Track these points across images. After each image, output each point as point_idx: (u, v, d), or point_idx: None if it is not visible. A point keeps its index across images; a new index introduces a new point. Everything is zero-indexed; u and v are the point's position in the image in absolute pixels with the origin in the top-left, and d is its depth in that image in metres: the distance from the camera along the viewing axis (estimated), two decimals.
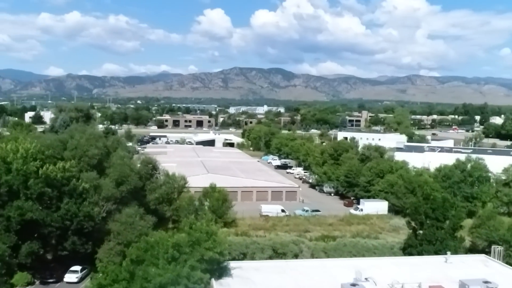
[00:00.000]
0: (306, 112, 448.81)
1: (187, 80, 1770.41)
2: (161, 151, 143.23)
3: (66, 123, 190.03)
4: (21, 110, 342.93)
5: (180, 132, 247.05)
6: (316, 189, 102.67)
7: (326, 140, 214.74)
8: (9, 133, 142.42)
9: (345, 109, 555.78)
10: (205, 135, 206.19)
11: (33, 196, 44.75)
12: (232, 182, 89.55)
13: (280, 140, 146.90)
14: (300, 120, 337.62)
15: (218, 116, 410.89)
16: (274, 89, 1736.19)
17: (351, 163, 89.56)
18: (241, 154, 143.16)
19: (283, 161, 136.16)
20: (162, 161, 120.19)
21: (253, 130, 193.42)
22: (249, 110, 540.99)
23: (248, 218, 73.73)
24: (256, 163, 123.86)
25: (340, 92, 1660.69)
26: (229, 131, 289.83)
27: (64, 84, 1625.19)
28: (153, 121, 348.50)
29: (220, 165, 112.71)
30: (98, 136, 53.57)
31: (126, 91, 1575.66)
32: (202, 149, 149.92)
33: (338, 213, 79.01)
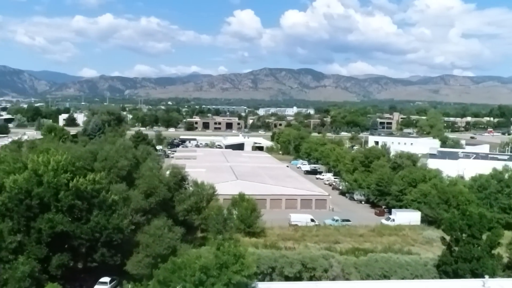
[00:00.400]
0: (336, 114, 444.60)
1: (217, 81, 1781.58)
2: (190, 155, 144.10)
3: (98, 126, 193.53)
4: (55, 112, 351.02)
5: (210, 135, 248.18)
6: (346, 197, 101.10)
7: (357, 144, 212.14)
8: (43, 137, 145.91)
9: (376, 110, 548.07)
10: (234, 139, 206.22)
11: (64, 209, 45.08)
12: (261, 190, 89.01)
13: (310, 145, 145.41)
14: (330, 123, 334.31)
15: (247, 118, 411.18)
16: (304, 90, 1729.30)
17: (382, 171, 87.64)
18: (270, 159, 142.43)
19: (312, 167, 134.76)
20: (191, 166, 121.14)
21: (282, 133, 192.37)
22: (279, 112, 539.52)
23: (277, 227, 72.92)
24: (285, 169, 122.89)
25: (371, 92, 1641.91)
26: (258, 133, 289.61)
27: (97, 85, 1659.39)
28: (183, 123, 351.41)
29: (249, 171, 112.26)
30: (127, 147, 53.75)
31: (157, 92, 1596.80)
32: (231, 154, 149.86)
33: (369, 223, 77.38)
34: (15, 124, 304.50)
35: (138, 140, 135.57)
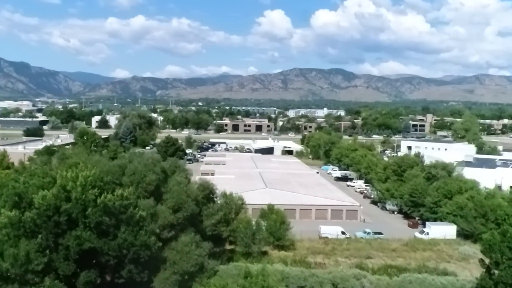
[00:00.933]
0: (367, 116, 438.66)
1: (247, 81, 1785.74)
2: (220, 160, 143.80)
3: (130, 129, 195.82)
4: (88, 114, 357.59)
5: (239, 138, 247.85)
6: (378, 206, 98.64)
7: (389, 148, 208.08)
8: (76, 141, 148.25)
9: (408, 112, 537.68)
10: (264, 143, 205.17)
11: (91, 225, 44.81)
12: (290, 199, 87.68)
13: (341, 151, 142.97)
14: (361, 125, 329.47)
15: (277, 120, 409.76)
16: (334, 90, 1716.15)
17: (416, 181, 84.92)
18: (300, 165, 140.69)
19: (343, 173, 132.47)
20: (220, 171, 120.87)
21: (312, 137, 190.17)
22: (309, 113, 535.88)
23: (306, 239, 71.39)
24: (315, 176, 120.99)
25: (403, 92, 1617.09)
26: (288, 136, 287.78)
27: (129, 86, 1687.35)
28: (213, 124, 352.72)
29: (279, 178, 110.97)
30: (156, 160, 53.20)
31: (188, 92, 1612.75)
32: (260, 159, 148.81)
33: (401, 236, 74.88)
34: (50, 126, 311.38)
35: (168, 145, 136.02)
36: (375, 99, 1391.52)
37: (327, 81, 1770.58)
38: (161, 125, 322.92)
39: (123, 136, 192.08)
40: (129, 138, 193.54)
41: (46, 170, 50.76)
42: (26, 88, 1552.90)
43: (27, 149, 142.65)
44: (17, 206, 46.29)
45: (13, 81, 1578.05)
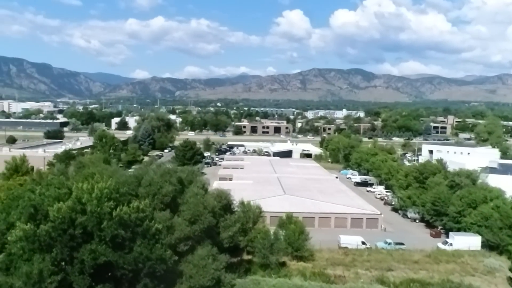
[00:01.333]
0: (387, 117, 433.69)
1: (266, 82, 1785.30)
2: (238, 164, 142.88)
3: (148, 132, 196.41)
4: (108, 116, 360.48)
5: (258, 141, 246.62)
6: (399, 214, 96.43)
7: (409, 151, 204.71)
8: (95, 145, 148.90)
9: (429, 113, 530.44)
10: (282, 146, 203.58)
11: (107, 238, 44.09)
12: (309, 207, 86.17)
13: (361, 155, 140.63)
14: (381, 127, 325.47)
15: (295, 121, 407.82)
16: (354, 90, 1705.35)
17: (439, 189, 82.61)
18: (319, 169, 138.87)
19: (363, 178, 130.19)
20: (238, 176, 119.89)
21: (331, 141, 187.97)
22: (328, 115, 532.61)
23: (325, 250, 69.81)
24: (335, 181, 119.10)
25: (423, 93, 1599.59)
26: (306, 138, 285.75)
27: (149, 87, 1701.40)
28: (231, 126, 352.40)
29: (297, 183, 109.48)
30: (172, 171, 52.33)
31: (207, 93, 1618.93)
32: (278, 162, 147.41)
33: (424, 246, 72.74)
34: (70, 128, 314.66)
35: (186, 149, 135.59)
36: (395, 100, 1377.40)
37: (346, 81, 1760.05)
38: (180, 127, 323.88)
39: (142, 139, 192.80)
40: (148, 141, 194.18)
41: (62, 181, 50.29)
42: (48, 88, 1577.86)
43: (47, 152, 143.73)
44: (32, 218, 45.84)
45: (36, 82, 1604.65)
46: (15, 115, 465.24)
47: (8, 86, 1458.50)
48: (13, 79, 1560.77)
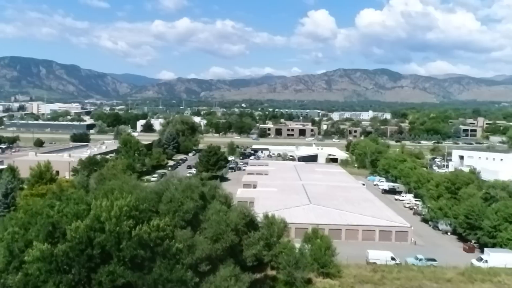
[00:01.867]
0: (415, 119, 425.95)
1: (290, 82, 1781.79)
2: (262, 170, 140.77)
3: (173, 136, 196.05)
4: (134, 118, 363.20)
5: (282, 144, 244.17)
6: (429, 225, 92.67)
7: (438, 156, 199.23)
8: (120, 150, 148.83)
9: (458, 115, 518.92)
10: (307, 150, 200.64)
11: (126, 259, 42.50)
12: (336, 218, 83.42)
13: (388, 161, 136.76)
14: (408, 130, 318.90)
15: (321, 123, 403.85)
16: (380, 91, 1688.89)
17: (472, 201, 78.78)
18: (345, 176, 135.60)
19: (391, 185, 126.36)
20: (263, 183, 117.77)
21: (358, 145, 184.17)
22: (353, 116, 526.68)
23: (353, 265, 66.99)
24: (362, 189, 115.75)
25: (451, 93, 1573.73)
26: (332, 141, 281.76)
27: (174, 88, 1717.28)
28: (256, 128, 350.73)
29: (323, 192, 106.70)
30: (194, 186, 50.46)
31: (232, 93, 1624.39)
32: (304, 168, 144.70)
33: (457, 262, 69.13)
34: (96, 130, 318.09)
35: (210, 154, 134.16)
36: (422, 100, 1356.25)
37: (372, 82, 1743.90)
38: (204, 129, 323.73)
39: (166, 143, 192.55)
40: (172, 145, 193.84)
41: (82, 195, 48.98)
42: (76, 90, 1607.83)
43: (72, 157, 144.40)
44: (50, 236, 44.62)
45: (64, 83, 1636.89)
46: (44, 117, 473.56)
47: (38, 87, 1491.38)
48: (42, 81, 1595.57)
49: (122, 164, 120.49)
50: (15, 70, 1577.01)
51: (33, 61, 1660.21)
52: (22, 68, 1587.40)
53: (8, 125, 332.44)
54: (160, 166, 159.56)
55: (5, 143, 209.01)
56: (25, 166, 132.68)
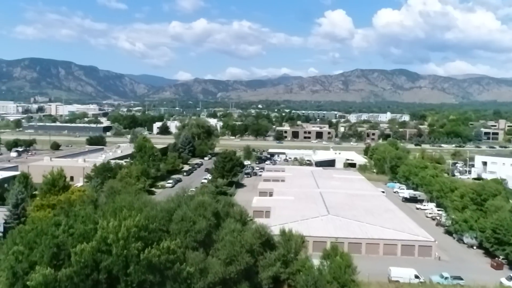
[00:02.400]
0: (434, 122, 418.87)
1: (307, 83, 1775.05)
2: (279, 176, 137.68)
3: (188, 139, 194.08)
4: (150, 120, 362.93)
5: (299, 147, 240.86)
6: (454, 238, 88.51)
7: (460, 160, 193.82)
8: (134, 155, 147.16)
9: (478, 116, 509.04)
10: (324, 154, 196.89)
11: (133, 284, 40.00)
12: (355, 230, 79.99)
13: (409, 168, 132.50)
14: (427, 133, 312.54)
15: (338, 125, 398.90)
16: (398, 91, 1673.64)
17: (500, 215, 74.67)
18: (364, 183, 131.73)
19: (412, 193, 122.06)
20: (279, 191, 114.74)
21: (377, 150, 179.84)
22: (371, 118, 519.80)
23: (374, 283, 63.62)
24: (382, 197, 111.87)
25: (470, 93, 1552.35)
26: (350, 145, 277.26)
27: (191, 88, 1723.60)
28: (272, 130, 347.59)
29: (342, 201, 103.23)
30: (207, 204, 47.76)
31: (248, 94, 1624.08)
32: (321, 174, 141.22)
33: (485, 281, 65.18)
34: (113, 132, 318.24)
35: (225, 160, 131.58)
36: (441, 101, 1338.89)
37: (390, 82, 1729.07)
38: (220, 132, 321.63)
39: (182, 146, 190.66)
40: (188, 148, 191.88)
41: (90, 213, 46.61)
42: (94, 90, 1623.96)
43: (86, 161, 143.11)
44: (55, 258, 42.35)
45: (83, 84, 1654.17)
46: (62, 118, 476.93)
47: (57, 88, 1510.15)
48: (61, 82, 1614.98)
49: (136, 171, 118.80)
50: (35, 72, 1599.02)
51: (53, 62, 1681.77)
52: (42, 69, 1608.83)
53: (26, 127, 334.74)
54: (175, 171, 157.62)
55: (21, 146, 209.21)
56: (39, 172, 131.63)
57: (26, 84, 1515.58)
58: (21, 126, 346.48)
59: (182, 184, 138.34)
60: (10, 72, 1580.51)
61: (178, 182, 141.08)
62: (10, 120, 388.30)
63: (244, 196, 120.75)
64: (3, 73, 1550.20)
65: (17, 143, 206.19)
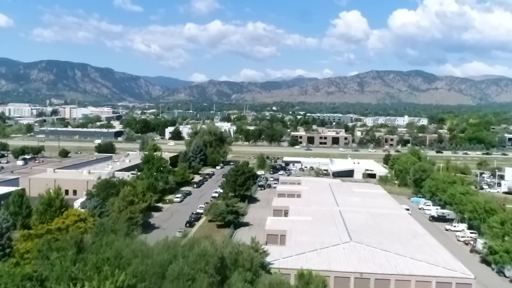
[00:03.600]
0: (454, 126, 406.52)
1: (322, 85, 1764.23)
2: (294, 190, 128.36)
3: (200, 148, 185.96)
4: (163, 124, 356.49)
5: (315, 155, 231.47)
6: (493, 269, 78.66)
7: (487, 171, 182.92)
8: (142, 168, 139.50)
9: (499, 120, 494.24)
10: (342, 163, 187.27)
11: None
12: (383, 263, 70.41)
13: (436, 183, 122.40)
14: (448, 139, 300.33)
15: (354, 129, 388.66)
16: (414, 93, 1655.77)
17: None
18: (386, 198, 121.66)
19: (440, 212, 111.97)
20: (295, 210, 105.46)
21: (398, 160, 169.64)
22: (388, 122, 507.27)
23: None
24: (408, 218, 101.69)
25: (488, 95, 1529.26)
26: (368, 152, 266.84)
27: (206, 90, 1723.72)
28: (287, 134, 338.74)
29: (364, 222, 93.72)
30: (209, 256, 39.14)
31: (263, 96, 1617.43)
32: (340, 188, 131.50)
33: None
34: (124, 138, 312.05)
35: (237, 173, 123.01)
36: (458, 102, 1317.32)
37: (406, 84, 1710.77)
38: (234, 137, 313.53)
39: (193, 155, 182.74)
40: (199, 157, 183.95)
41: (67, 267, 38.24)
42: (110, 92, 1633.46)
43: (92, 173, 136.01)
44: None
45: (99, 86, 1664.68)
46: (75, 122, 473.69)
47: (73, 90, 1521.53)
48: (78, 84, 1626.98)
49: (142, 186, 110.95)
50: (51, 74, 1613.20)
51: (69, 64, 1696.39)
52: (59, 72, 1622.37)
53: (37, 132, 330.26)
54: (186, 182, 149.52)
55: (29, 154, 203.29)
56: (41, 185, 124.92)
57: (43, 86, 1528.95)
58: (33, 130, 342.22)
59: (192, 198, 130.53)
60: (28, 74, 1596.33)
61: (187, 195, 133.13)
62: (23, 124, 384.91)
63: (257, 213, 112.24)
64: (20, 75, 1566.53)
65: (24, 150, 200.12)
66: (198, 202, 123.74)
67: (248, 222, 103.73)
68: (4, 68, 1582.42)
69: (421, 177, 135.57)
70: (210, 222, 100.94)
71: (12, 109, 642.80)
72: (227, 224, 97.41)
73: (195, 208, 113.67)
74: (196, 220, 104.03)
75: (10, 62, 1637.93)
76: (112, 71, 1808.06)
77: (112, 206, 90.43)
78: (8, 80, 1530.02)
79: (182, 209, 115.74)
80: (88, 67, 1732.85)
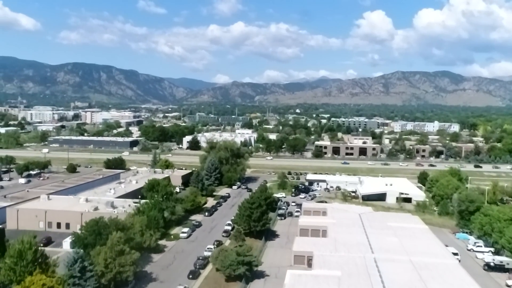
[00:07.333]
0: (488, 134, 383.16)
1: (346, 86, 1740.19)
2: (319, 225, 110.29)
3: (215, 165, 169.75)
4: (180, 133, 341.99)
5: (340, 171, 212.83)
6: None
7: None
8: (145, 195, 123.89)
9: None
10: (372, 184, 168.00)
11: None
12: None
13: (489, 219, 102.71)
14: (486, 150, 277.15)
15: (382, 137, 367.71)
16: (440, 94, 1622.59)
17: None
18: (429, 238, 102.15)
19: (499, 260, 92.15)
20: (320, 256, 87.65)
21: (437, 182, 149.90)
22: (417, 128, 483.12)
23: None
24: (459, 271, 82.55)
25: None
26: (399, 166, 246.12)
27: (229, 92, 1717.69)
28: (310, 143, 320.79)
29: (407, 279, 75.53)
30: None
31: (286, 97, 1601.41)
32: (372, 223, 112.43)
33: None
34: (139, 148, 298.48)
35: (252, 206, 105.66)
36: (487, 104, 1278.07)
37: (432, 85, 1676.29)
38: (255, 147, 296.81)
39: (208, 173, 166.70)
40: (214, 176, 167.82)
41: None
42: (134, 94, 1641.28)
43: (89, 201, 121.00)
44: None
45: (123, 87, 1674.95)
46: (94, 128, 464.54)
47: (98, 92, 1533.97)
48: (103, 86, 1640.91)
49: (141, 223, 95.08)
50: (77, 76, 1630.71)
51: (94, 67, 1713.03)
52: (84, 74, 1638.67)
53: (51, 142, 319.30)
54: (197, 208, 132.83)
55: (34, 170, 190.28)
56: (30, 217, 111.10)
57: (68, 88, 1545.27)
58: (47, 139, 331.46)
59: (201, 232, 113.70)
60: (54, 76, 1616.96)
61: (196, 227, 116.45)
62: (40, 131, 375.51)
63: (275, 257, 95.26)
64: (47, 77, 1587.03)
65: (28, 167, 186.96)
66: (207, 238, 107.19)
67: (263, 271, 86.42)
68: (31, 70, 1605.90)
69: (467, 208, 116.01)
70: (218, 272, 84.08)
71: (34, 114, 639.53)
72: (238, 276, 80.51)
73: (203, 248, 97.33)
74: (202, 267, 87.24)
75: (38, 64, 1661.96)
76: (137, 73, 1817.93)
77: (97, 258, 74.46)
78: (35, 82, 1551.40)
79: (187, 249, 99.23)
80: (113, 69, 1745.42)
